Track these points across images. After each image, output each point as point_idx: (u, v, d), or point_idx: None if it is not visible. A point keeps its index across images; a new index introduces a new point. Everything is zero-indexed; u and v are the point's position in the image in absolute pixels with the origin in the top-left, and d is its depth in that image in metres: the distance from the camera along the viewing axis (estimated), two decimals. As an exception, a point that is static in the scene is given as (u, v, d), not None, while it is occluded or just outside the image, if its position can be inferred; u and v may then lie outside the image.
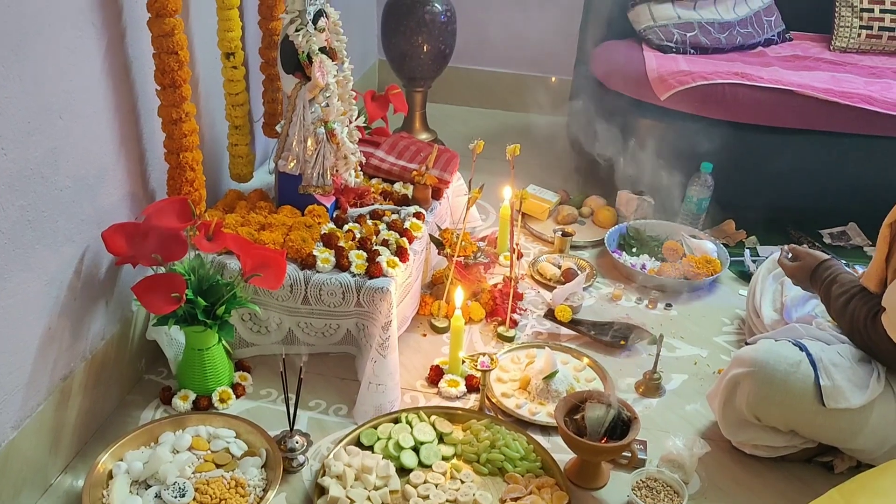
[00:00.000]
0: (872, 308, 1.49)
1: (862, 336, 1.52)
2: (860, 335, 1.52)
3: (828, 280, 1.63)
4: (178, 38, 1.55)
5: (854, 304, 1.53)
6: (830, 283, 1.62)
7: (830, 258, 1.70)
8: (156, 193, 1.75)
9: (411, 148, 2.22)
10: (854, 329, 1.53)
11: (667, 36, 2.62)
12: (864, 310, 1.51)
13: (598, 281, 2.27)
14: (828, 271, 1.65)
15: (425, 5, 2.57)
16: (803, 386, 1.47)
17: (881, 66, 2.62)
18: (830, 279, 1.63)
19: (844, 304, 1.55)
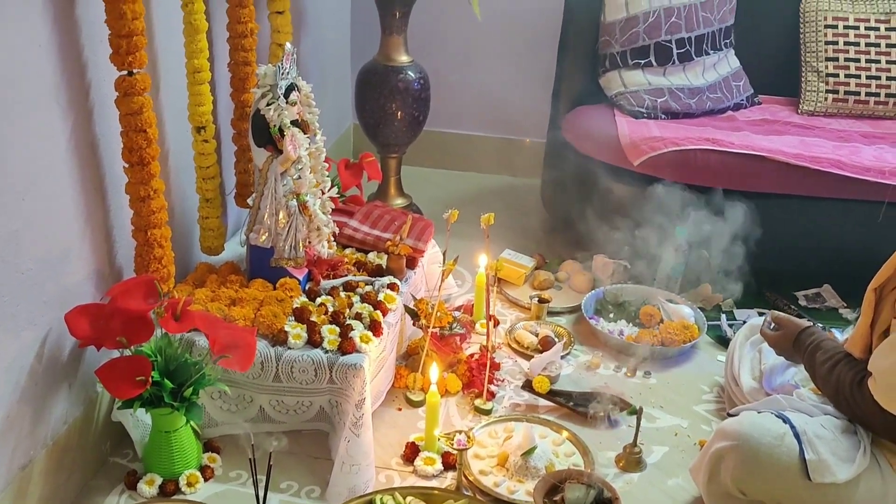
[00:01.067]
0: (858, 373, 1.48)
1: (848, 402, 1.50)
2: (846, 401, 1.50)
3: (811, 347, 1.62)
4: (146, 117, 1.53)
5: (839, 369, 1.52)
6: (814, 349, 1.61)
7: (812, 325, 1.69)
8: (123, 270, 1.71)
9: (385, 217, 2.21)
10: (840, 395, 1.51)
11: (638, 102, 2.65)
12: (850, 375, 1.49)
13: (575, 348, 2.25)
14: (811, 338, 1.64)
15: (398, 73, 2.58)
16: (788, 460, 1.44)
17: (848, 130, 2.66)
18: (814, 346, 1.61)
19: (829, 370, 1.54)
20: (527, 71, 3.21)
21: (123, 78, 1.51)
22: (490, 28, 3.00)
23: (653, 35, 2.66)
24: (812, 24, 2.81)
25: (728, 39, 2.83)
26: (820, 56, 2.79)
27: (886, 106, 2.76)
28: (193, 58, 1.77)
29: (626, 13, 2.64)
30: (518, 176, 3.40)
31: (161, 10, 1.75)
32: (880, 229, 2.39)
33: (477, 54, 3.24)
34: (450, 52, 3.24)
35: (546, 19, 2.97)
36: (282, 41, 2.20)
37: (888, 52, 2.74)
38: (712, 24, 2.74)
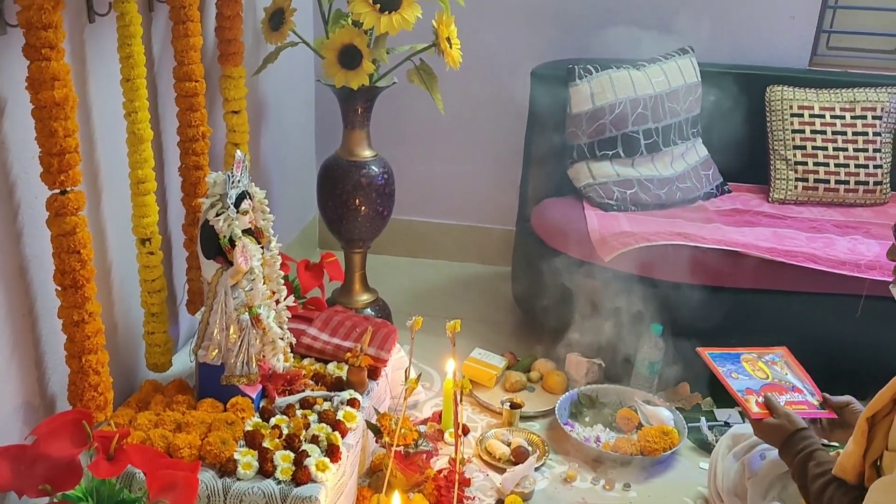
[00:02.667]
0: (853, 502, 1.37)
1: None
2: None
3: (804, 453, 1.51)
4: (80, 237, 1.42)
5: (831, 492, 1.42)
6: (807, 457, 1.50)
7: (807, 428, 1.59)
8: (56, 399, 1.58)
9: (346, 324, 2.09)
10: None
11: (607, 194, 2.60)
12: (845, 501, 1.39)
13: (550, 458, 2.12)
14: (804, 442, 1.54)
15: (361, 168, 2.51)
16: None
17: (820, 219, 2.62)
18: (807, 453, 1.51)
19: (822, 487, 1.44)
20: (494, 161, 3.17)
21: (55, 197, 1.40)
22: (455, 120, 2.96)
23: (620, 126, 2.63)
24: (778, 113, 2.79)
25: (695, 129, 2.80)
26: (787, 144, 2.77)
27: (856, 193, 2.74)
28: (137, 168, 1.68)
29: (591, 105, 2.60)
30: (488, 264, 3.33)
31: (103, 120, 1.66)
32: (860, 323, 2.32)
33: (442, 145, 3.19)
34: (414, 143, 3.19)
35: (512, 110, 2.94)
36: (238, 141, 2.13)
37: (855, 140, 2.73)
38: (679, 114, 2.72)
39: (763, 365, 1.81)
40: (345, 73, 2.23)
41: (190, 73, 1.81)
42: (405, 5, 2.11)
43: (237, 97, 2.07)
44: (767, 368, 1.80)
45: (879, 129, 2.73)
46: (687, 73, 2.74)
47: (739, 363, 1.80)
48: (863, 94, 2.75)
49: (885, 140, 2.75)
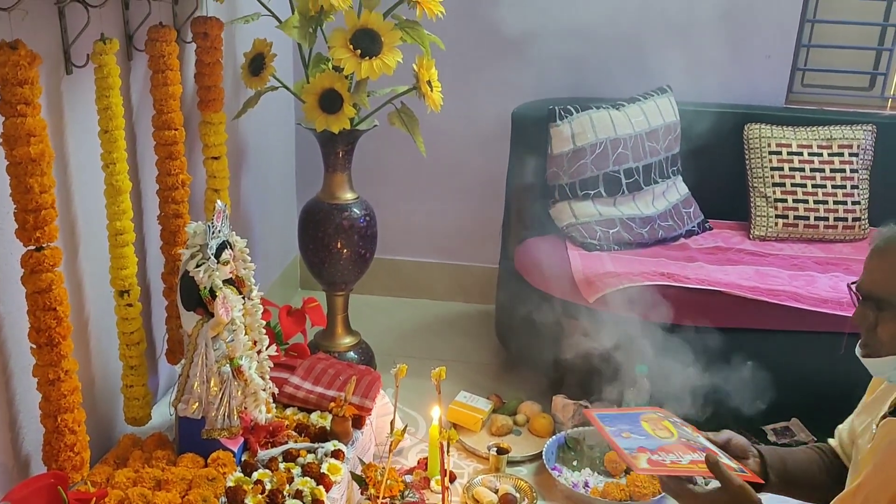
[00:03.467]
0: None
1: None
2: None
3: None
4: (56, 294, 1.39)
5: None
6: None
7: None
8: (31, 459, 1.53)
9: (329, 371, 2.06)
10: None
11: (589, 233, 2.60)
12: None
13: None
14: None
15: (343, 211, 2.49)
16: None
17: (801, 256, 2.63)
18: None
19: None
20: (476, 200, 3.17)
21: (31, 254, 1.37)
22: (436, 160, 2.96)
23: (601, 166, 2.63)
24: (756, 151, 2.82)
25: (675, 167, 2.82)
26: (767, 181, 2.79)
27: (836, 230, 2.76)
28: (115, 220, 1.65)
29: (572, 145, 2.61)
30: (471, 302, 3.31)
31: (81, 171, 1.63)
32: (844, 361, 2.30)
33: (424, 185, 3.19)
34: (396, 184, 3.19)
35: (493, 151, 2.94)
36: (218, 186, 2.11)
37: (833, 177, 2.76)
38: (659, 153, 2.73)
39: (669, 424, 1.64)
40: (326, 118, 2.22)
41: (169, 121, 1.80)
42: (386, 51, 2.11)
43: (217, 143, 2.06)
44: (674, 428, 1.62)
45: (856, 166, 2.76)
46: (666, 113, 2.76)
47: (638, 423, 1.63)
48: (839, 131, 2.79)
49: (862, 177, 2.77)
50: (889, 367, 1.31)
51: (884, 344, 1.30)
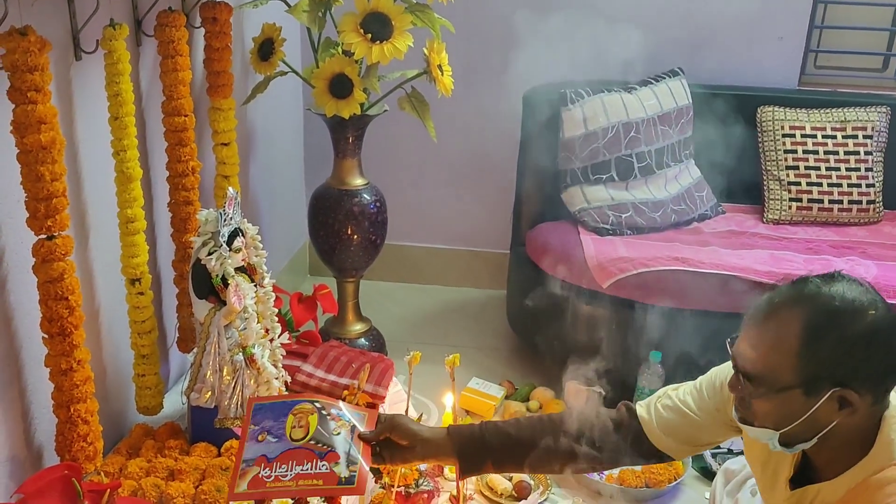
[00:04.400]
0: None
1: None
2: None
3: None
4: (67, 283, 1.37)
5: None
6: None
7: None
8: (44, 450, 1.52)
9: (342, 359, 2.05)
10: None
11: (602, 218, 2.57)
12: None
13: (553, 492, 2.07)
14: None
15: (353, 197, 2.47)
16: None
17: (816, 240, 2.60)
18: None
19: None
20: (487, 185, 3.14)
21: (42, 243, 1.35)
22: (447, 145, 2.93)
23: (613, 150, 2.60)
24: (770, 133, 2.78)
25: (688, 150, 2.79)
26: (780, 165, 2.76)
27: (850, 213, 2.73)
28: (126, 207, 1.63)
29: (584, 129, 2.58)
30: (483, 288, 3.29)
31: (91, 159, 1.61)
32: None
33: (435, 170, 3.16)
34: (406, 170, 3.16)
35: (504, 135, 2.91)
36: (228, 173, 2.09)
37: (847, 160, 2.72)
38: (671, 137, 2.70)
39: (313, 419, 1.44)
40: (336, 103, 2.19)
41: (179, 107, 1.77)
42: (396, 35, 2.08)
43: (227, 129, 2.04)
44: (315, 424, 1.43)
45: (871, 148, 2.73)
46: (678, 96, 2.72)
47: (284, 417, 1.44)
48: (853, 113, 2.75)
49: (877, 159, 2.74)
50: (765, 437, 1.23)
51: (757, 418, 1.22)
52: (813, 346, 1.14)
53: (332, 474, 1.38)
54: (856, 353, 1.13)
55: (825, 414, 1.16)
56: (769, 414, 1.20)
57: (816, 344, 1.14)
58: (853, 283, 1.17)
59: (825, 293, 1.16)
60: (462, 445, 1.42)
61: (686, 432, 1.45)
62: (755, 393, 1.19)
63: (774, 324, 1.18)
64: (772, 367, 1.17)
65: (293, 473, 1.38)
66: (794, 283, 1.22)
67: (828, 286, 1.17)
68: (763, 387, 1.18)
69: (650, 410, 1.48)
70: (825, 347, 1.14)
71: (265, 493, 1.38)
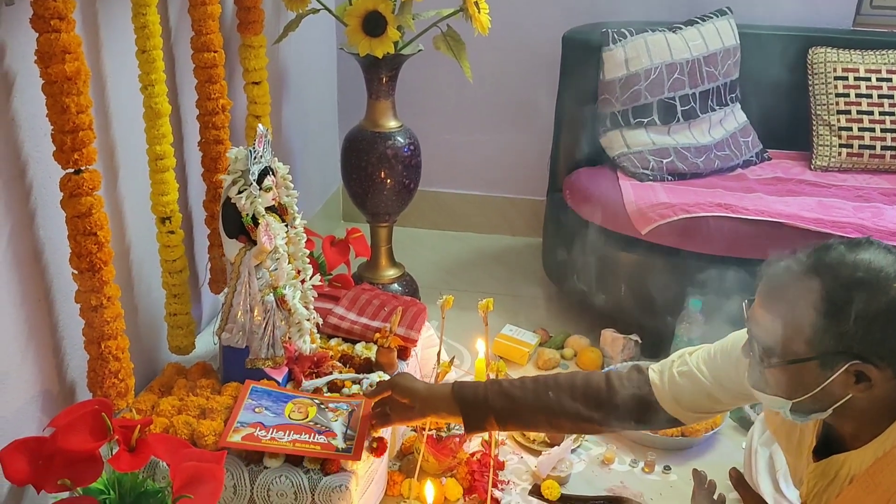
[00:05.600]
0: None
1: None
2: None
3: None
4: (96, 218, 1.35)
5: None
6: None
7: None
8: (76, 386, 1.52)
9: (374, 302, 2.02)
10: None
11: (642, 163, 2.49)
12: None
13: (586, 440, 2.04)
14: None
15: (387, 140, 2.41)
16: None
17: (866, 187, 2.50)
18: None
19: None
20: (523, 129, 3.06)
21: (69, 177, 1.33)
22: (483, 87, 2.86)
23: (655, 92, 2.51)
24: (821, 76, 2.66)
25: (734, 94, 2.68)
26: (831, 109, 2.64)
27: (904, 160, 2.61)
28: (155, 144, 1.60)
29: (626, 70, 2.48)
30: (518, 235, 3.24)
31: (119, 94, 1.58)
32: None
33: (470, 114, 3.09)
34: (441, 113, 3.09)
35: (542, 77, 2.82)
36: (259, 113, 2.05)
37: (903, 104, 2.59)
38: (717, 79, 2.59)
39: (313, 409, 1.62)
40: (369, 41, 2.13)
41: (208, 42, 1.73)
42: (431, -32, 2.00)
43: (258, 67, 1.99)
44: (315, 413, 1.61)
45: (929, 92, 2.59)
46: (725, 36, 2.60)
47: (283, 403, 1.62)
48: (912, 52, 2.61)
49: (935, 103, 2.61)
50: (777, 405, 1.18)
51: (769, 386, 1.16)
52: (831, 319, 1.07)
53: (330, 445, 1.54)
54: (877, 327, 1.06)
55: (840, 387, 1.10)
56: (781, 383, 1.15)
57: (835, 317, 1.07)
58: (881, 250, 1.09)
59: (849, 262, 1.08)
60: (465, 404, 1.46)
61: (698, 401, 1.41)
62: (768, 362, 1.14)
63: (792, 292, 1.11)
64: (787, 337, 1.11)
65: (290, 438, 1.53)
66: (817, 250, 1.14)
67: (853, 254, 1.09)
68: (776, 356, 1.13)
69: (663, 377, 1.44)
70: (845, 321, 1.06)
71: (258, 446, 1.51)
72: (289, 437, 1.54)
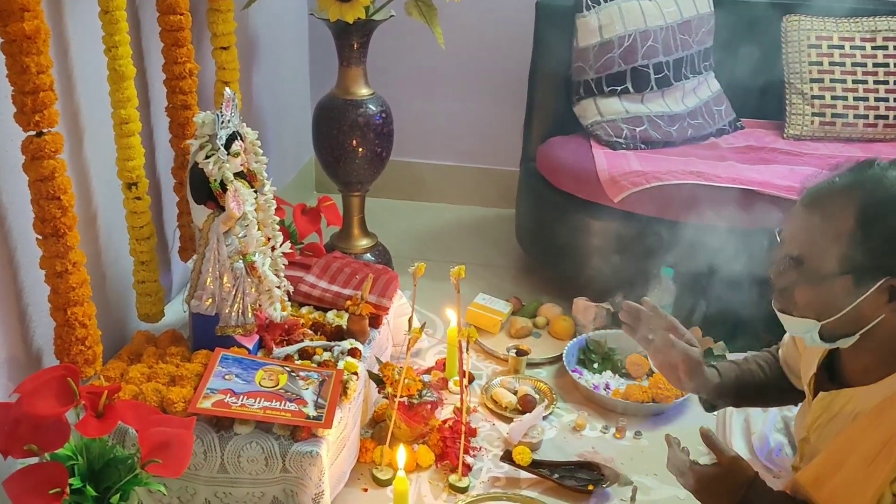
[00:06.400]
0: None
1: None
2: None
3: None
4: (59, 182, 1.33)
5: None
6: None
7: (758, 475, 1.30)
8: (43, 354, 1.50)
9: (345, 270, 2.01)
10: None
11: (615, 131, 2.49)
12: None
13: (558, 406, 2.06)
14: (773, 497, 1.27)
15: (359, 107, 2.39)
16: None
17: (838, 156, 2.51)
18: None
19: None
20: (496, 98, 3.05)
21: (31, 139, 1.30)
22: (455, 55, 2.84)
23: (629, 60, 2.50)
24: (794, 44, 2.66)
25: (707, 62, 2.68)
26: (804, 77, 2.65)
27: (875, 128, 2.63)
28: (120, 108, 1.57)
29: (599, 38, 2.47)
30: (490, 206, 3.23)
31: (83, 57, 1.54)
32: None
33: (442, 82, 3.07)
34: (413, 81, 3.06)
35: (516, 44, 2.81)
36: (228, 79, 2.01)
37: (875, 72, 2.61)
38: (691, 47, 2.59)
39: (284, 377, 1.62)
40: (339, 6, 2.10)
41: (174, 4, 1.69)
42: (403, -70, 1.97)
43: (226, 32, 1.95)
44: (286, 380, 1.62)
45: (901, 61, 2.61)
46: (699, 3, 2.60)
47: (253, 371, 1.62)
48: (884, 22, 2.62)
49: (907, 72, 2.63)
50: (803, 329, 1.18)
51: (797, 307, 1.17)
52: (867, 232, 1.08)
53: (301, 412, 1.54)
54: None
55: (872, 306, 1.11)
56: (812, 303, 1.15)
57: (871, 229, 1.08)
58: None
59: (888, 178, 1.10)
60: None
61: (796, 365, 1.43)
62: (800, 279, 1.14)
63: (830, 205, 1.12)
64: (822, 250, 1.11)
65: (260, 405, 1.53)
66: (859, 165, 1.15)
67: (893, 170, 1.11)
68: (809, 272, 1.13)
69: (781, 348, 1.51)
70: (880, 234, 1.08)
71: (229, 412, 1.51)
72: (259, 404, 1.54)
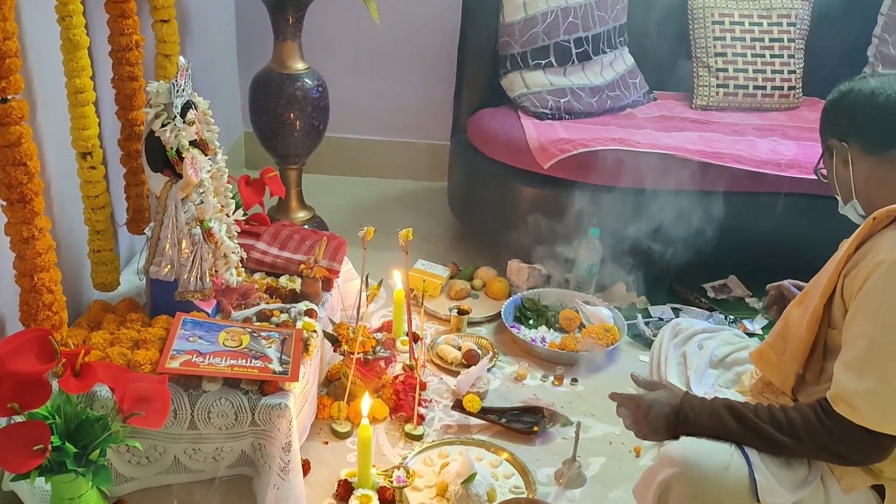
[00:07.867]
0: (817, 407, 1.29)
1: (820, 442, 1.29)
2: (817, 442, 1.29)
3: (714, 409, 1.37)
4: (26, 148, 1.35)
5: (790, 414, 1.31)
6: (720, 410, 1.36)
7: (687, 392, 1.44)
8: (6, 321, 1.52)
9: (295, 237, 2.08)
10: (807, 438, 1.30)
11: (541, 103, 2.63)
12: (810, 413, 1.29)
13: (500, 359, 2.19)
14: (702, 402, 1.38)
15: (295, 81, 2.44)
16: (737, 482, 1.39)
17: (741, 123, 2.73)
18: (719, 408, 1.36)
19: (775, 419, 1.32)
20: (427, 73, 3.14)
21: (-3, 105, 1.32)
22: (388, 31, 2.91)
23: (552, 35, 2.64)
24: (700, 21, 2.86)
25: (622, 37, 2.85)
26: (709, 51, 2.85)
27: (772, 98, 2.86)
28: (74, 77, 1.59)
29: (524, 14, 2.60)
30: (420, 180, 3.33)
31: (35, 26, 1.55)
32: (780, 220, 2.46)
33: (375, 58, 3.14)
34: (346, 57, 3.12)
35: (445, 21, 2.91)
36: (168, 52, 2.03)
37: (771, 47, 2.84)
38: (607, 23, 2.75)
39: (246, 338, 1.69)
40: (277, -20, 2.14)
41: (119, -25, 1.71)
42: None
43: (166, 4, 1.97)
44: (248, 340, 1.69)
45: (793, 36, 2.85)
46: (614, -18, 2.76)
47: (217, 332, 1.68)
48: (778, 1, 2.85)
49: (798, 46, 2.87)
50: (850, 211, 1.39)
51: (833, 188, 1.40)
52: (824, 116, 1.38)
53: (267, 368, 1.61)
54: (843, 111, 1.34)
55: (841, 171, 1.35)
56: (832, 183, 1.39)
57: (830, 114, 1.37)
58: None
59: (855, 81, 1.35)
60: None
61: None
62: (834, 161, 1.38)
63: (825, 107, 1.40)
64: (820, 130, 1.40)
65: (227, 364, 1.60)
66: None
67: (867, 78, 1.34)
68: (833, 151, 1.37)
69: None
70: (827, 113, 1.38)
71: (198, 371, 1.57)
72: (226, 362, 1.60)
